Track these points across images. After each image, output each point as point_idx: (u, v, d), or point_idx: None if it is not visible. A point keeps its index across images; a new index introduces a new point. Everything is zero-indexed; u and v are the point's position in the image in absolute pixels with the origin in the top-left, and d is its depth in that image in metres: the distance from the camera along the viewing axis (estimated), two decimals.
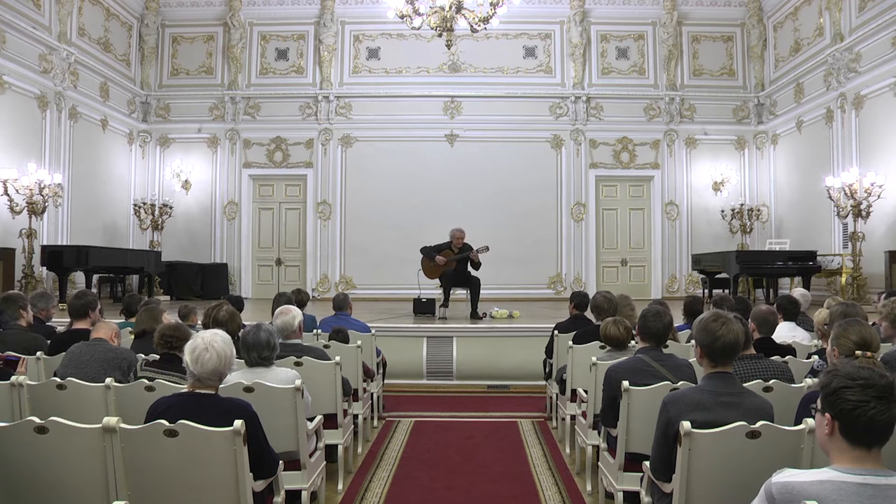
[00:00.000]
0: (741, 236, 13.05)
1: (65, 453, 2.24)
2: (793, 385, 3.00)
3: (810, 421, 2.22)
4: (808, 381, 2.96)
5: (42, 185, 9.49)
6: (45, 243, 9.87)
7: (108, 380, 3.05)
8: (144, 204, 12.52)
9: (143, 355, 3.55)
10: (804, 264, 9.82)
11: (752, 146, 13.39)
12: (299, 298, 5.81)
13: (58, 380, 3.10)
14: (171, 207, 12.68)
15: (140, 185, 13.13)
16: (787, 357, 3.60)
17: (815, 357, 3.61)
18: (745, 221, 12.98)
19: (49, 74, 10.50)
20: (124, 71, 12.81)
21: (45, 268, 9.62)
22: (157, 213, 12.54)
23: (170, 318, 3.98)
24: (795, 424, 2.37)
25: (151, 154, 13.34)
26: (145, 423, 2.36)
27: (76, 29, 11.28)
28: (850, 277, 9.73)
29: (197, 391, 2.50)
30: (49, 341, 4.21)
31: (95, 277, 10.70)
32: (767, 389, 2.86)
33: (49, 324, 4.95)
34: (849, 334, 2.65)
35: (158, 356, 3.30)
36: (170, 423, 2.27)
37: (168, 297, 11.81)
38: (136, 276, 11.77)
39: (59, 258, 9.24)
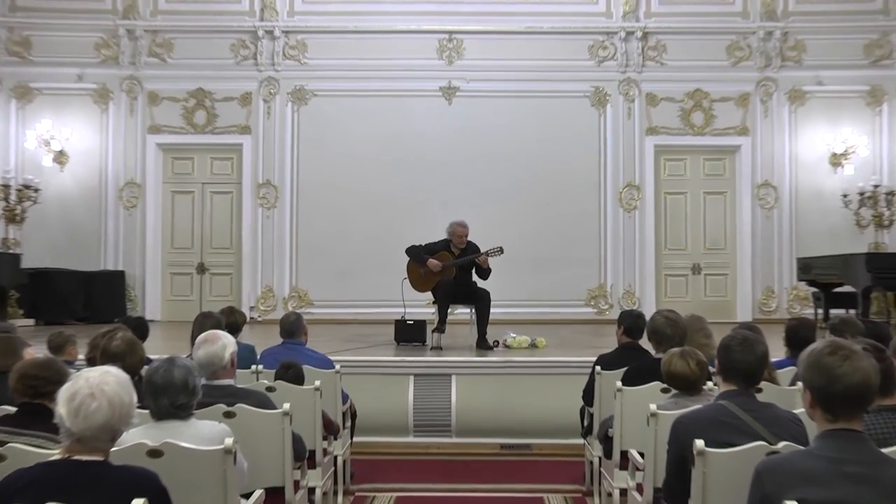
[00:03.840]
0: (875, 232, 13.06)
1: None
2: None
3: None
4: None
5: None
6: None
7: None
8: None
9: None
10: None
11: (895, 101, 13.37)
12: (232, 321, 5.88)
13: None
14: (36, 190, 12.51)
15: None
16: None
17: None
18: (882, 211, 12.96)
19: None
20: None
21: None
22: (13, 197, 12.44)
23: (34, 351, 3.95)
24: None
25: (3, 111, 13.24)
26: None
27: None
28: None
29: (76, 458, 2.46)
30: None
31: None
32: None
33: None
34: None
35: (15, 408, 3.28)
36: None
37: (31, 321, 11.77)
38: None
39: None
